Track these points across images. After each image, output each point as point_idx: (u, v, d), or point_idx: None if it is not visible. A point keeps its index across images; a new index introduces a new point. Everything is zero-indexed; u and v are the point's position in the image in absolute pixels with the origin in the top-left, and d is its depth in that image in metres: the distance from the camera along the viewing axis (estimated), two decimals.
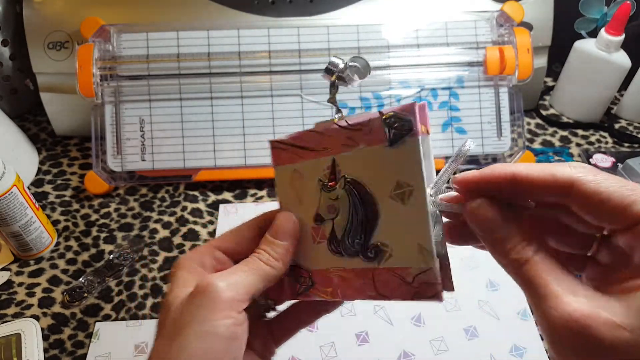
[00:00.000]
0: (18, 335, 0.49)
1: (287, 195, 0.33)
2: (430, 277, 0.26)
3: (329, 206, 0.31)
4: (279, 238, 0.31)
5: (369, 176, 0.29)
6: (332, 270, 0.30)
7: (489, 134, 0.63)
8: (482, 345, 0.49)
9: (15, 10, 0.69)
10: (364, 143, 0.29)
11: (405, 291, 0.27)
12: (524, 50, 0.61)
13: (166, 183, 0.65)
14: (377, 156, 0.28)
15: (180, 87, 0.62)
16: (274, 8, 0.65)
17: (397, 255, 0.28)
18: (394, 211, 0.28)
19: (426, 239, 0.26)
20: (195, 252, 0.31)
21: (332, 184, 0.30)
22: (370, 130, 0.28)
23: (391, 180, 0.28)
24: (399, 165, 0.27)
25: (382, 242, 0.28)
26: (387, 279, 0.28)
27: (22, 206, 0.53)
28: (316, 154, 0.31)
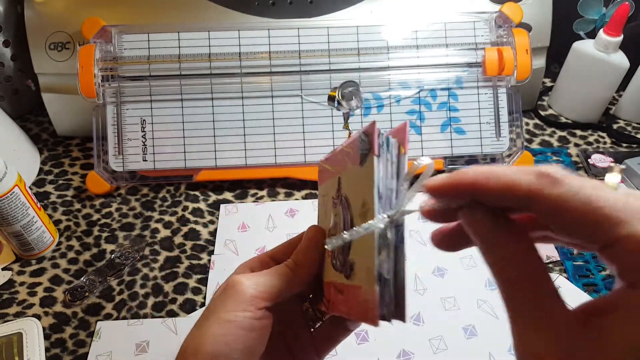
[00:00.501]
0: (19, 335, 0.49)
1: (320, 211, 0.36)
2: (370, 301, 0.26)
3: (335, 222, 0.32)
4: (304, 247, 0.34)
5: (350, 194, 0.30)
6: (332, 283, 0.32)
7: (488, 134, 0.64)
8: (481, 344, 0.49)
9: (16, 11, 0.69)
10: (351, 162, 0.30)
11: (356, 310, 0.28)
12: (523, 51, 0.62)
13: (167, 183, 0.65)
14: (355, 175, 0.29)
15: (181, 88, 0.62)
16: (274, 9, 0.65)
17: (358, 273, 0.28)
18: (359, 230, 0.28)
19: (371, 262, 0.26)
20: (252, 259, 0.35)
21: (336, 202, 0.32)
22: (353, 150, 0.29)
23: (360, 199, 0.28)
24: (364, 183, 0.27)
25: (352, 260, 0.29)
26: (353, 296, 0.28)
27: (23, 206, 0.53)
28: (332, 173, 0.34)
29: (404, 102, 0.64)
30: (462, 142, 0.64)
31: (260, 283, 0.32)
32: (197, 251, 0.58)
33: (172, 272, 0.56)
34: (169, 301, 0.53)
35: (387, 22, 0.63)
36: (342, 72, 0.62)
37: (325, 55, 0.62)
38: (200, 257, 0.57)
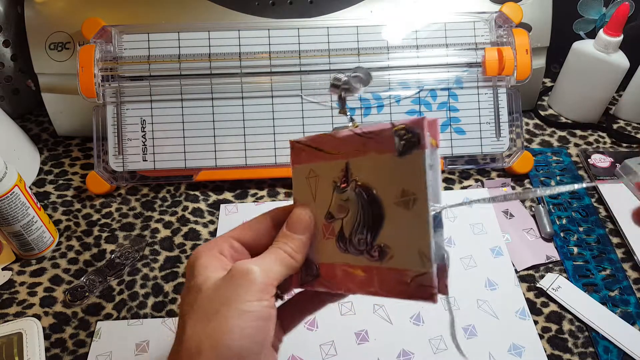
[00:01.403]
0: (19, 335, 0.49)
1: (303, 192, 0.36)
2: (426, 280, 0.28)
3: (340, 206, 0.33)
4: (297, 232, 0.34)
5: (377, 182, 0.31)
6: (338, 264, 0.33)
7: (488, 134, 0.64)
8: (481, 344, 0.49)
9: (16, 11, 0.69)
10: (375, 151, 0.31)
11: (403, 290, 0.29)
12: (523, 51, 0.62)
13: (167, 183, 0.65)
14: (386, 164, 0.30)
15: (181, 88, 0.62)
16: (274, 9, 0.65)
17: (398, 257, 0.30)
18: (398, 216, 0.30)
19: (425, 245, 0.28)
20: (213, 242, 0.34)
21: (344, 186, 0.33)
22: (382, 140, 0.30)
23: (397, 188, 0.29)
24: (405, 174, 0.29)
25: (386, 244, 0.30)
26: (387, 277, 0.30)
27: (23, 206, 0.53)
28: (332, 156, 0.34)
29: (404, 102, 0.64)
30: (462, 142, 0.64)
31: (269, 270, 0.31)
32: None
33: (172, 272, 0.56)
34: (169, 301, 0.53)
35: (387, 22, 0.63)
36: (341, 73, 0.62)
37: (325, 55, 0.62)
38: None
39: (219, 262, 0.32)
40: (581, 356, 0.48)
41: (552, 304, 0.52)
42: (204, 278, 0.31)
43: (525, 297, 0.53)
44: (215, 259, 0.32)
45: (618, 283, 0.54)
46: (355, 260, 0.32)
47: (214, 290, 0.31)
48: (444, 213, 0.30)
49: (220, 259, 0.33)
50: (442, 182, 0.65)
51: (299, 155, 0.36)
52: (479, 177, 0.66)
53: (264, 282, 0.30)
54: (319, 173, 0.35)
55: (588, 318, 0.50)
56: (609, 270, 0.55)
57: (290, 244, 0.33)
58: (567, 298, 0.52)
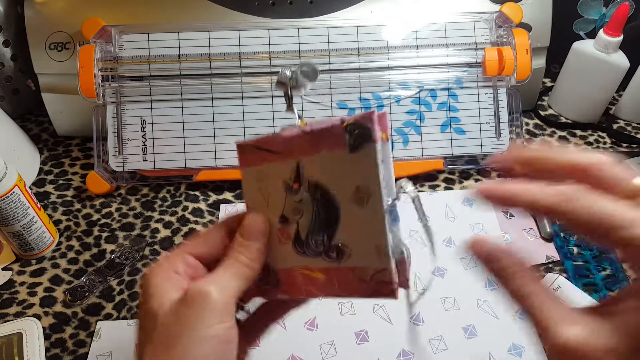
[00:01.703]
0: (19, 335, 0.49)
1: (254, 197, 0.34)
2: (385, 277, 0.28)
3: (294, 208, 0.32)
4: (251, 239, 0.32)
5: (331, 180, 0.30)
6: (296, 268, 0.32)
7: (488, 134, 0.64)
8: (481, 344, 0.49)
9: (16, 11, 0.69)
10: (326, 148, 0.30)
11: (363, 289, 0.29)
12: (523, 51, 0.62)
13: (167, 183, 0.65)
14: (339, 161, 0.29)
15: (181, 88, 0.62)
16: (274, 9, 0.65)
17: (356, 255, 0.29)
18: (354, 214, 0.29)
19: (382, 241, 0.28)
20: (166, 259, 0.32)
21: (296, 187, 0.31)
22: (333, 136, 0.29)
23: (351, 185, 0.29)
24: (358, 170, 0.28)
25: (343, 243, 0.30)
26: (347, 277, 0.29)
27: (23, 206, 0.53)
28: (282, 157, 0.32)
29: (404, 102, 0.64)
30: (462, 142, 0.64)
31: (226, 287, 0.29)
32: None
33: None
34: None
35: (387, 22, 0.63)
36: (342, 72, 0.62)
37: (325, 55, 0.62)
38: None
39: (173, 282, 0.30)
40: None
41: None
42: (159, 302, 0.29)
43: None
44: (168, 279, 0.30)
45: (618, 283, 0.54)
46: (314, 263, 0.31)
47: (171, 315, 0.29)
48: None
49: (174, 279, 0.31)
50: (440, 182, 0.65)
51: (247, 158, 0.34)
52: (479, 177, 0.66)
53: (222, 302, 0.28)
54: (269, 175, 0.33)
55: None
56: (609, 270, 0.55)
57: (246, 253, 0.31)
58: (567, 298, 0.52)
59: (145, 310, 0.30)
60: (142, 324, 0.30)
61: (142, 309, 0.30)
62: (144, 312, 0.30)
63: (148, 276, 0.31)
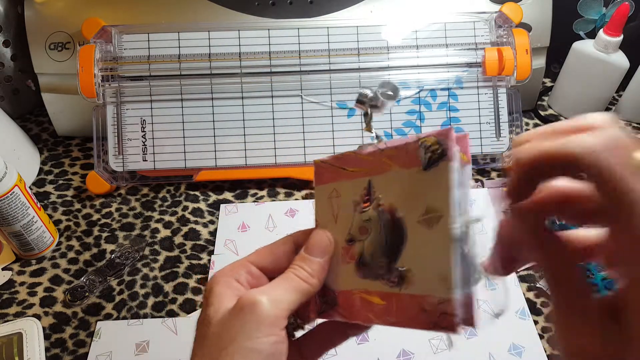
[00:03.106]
0: (19, 335, 0.49)
1: (324, 214, 0.33)
2: (448, 308, 0.25)
3: (361, 227, 0.30)
4: (314, 255, 0.31)
5: (400, 199, 0.28)
6: (356, 292, 0.30)
7: (488, 134, 0.64)
8: (481, 344, 0.49)
9: (16, 11, 0.69)
10: (399, 166, 0.28)
11: (423, 320, 0.26)
12: (523, 51, 0.62)
13: (167, 183, 0.65)
14: (411, 179, 0.28)
15: (181, 88, 0.62)
16: (274, 9, 0.65)
17: (419, 282, 0.27)
18: (421, 237, 0.27)
19: (447, 268, 0.25)
20: (230, 267, 0.31)
21: (365, 205, 0.30)
22: (406, 153, 0.28)
23: (421, 205, 0.27)
24: (430, 189, 0.27)
25: (406, 268, 0.28)
26: (407, 305, 0.27)
27: (23, 206, 0.53)
28: (355, 175, 0.31)
29: (404, 102, 0.64)
30: None
31: (278, 299, 0.28)
32: (197, 251, 0.58)
33: (172, 272, 0.56)
34: (169, 301, 0.53)
35: (387, 22, 0.63)
36: (342, 72, 0.62)
37: (325, 55, 0.62)
38: (200, 257, 0.57)
39: (232, 290, 0.30)
40: None
41: None
42: (215, 310, 0.29)
43: (525, 297, 0.53)
44: (229, 287, 0.30)
45: None
46: (374, 287, 0.29)
47: (221, 324, 0.28)
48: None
49: (235, 287, 0.30)
50: None
51: (322, 175, 0.33)
52: (479, 177, 0.66)
53: (272, 315, 0.28)
54: (341, 193, 0.32)
55: None
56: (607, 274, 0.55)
57: (307, 267, 0.31)
58: None
59: (202, 317, 0.30)
60: (197, 330, 0.30)
61: (201, 315, 0.30)
62: (201, 319, 0.30)
63: (211, 283, 0.30)
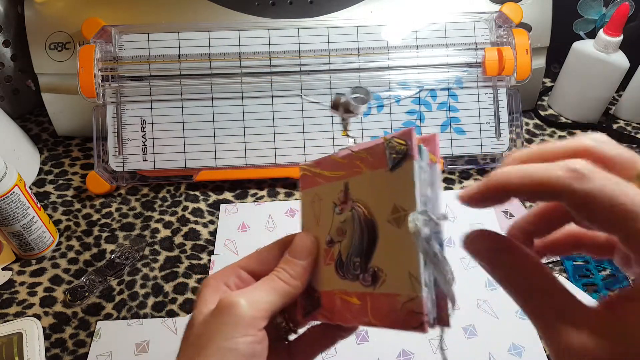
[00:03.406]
0: (19, 335, 0.49)
1: (308, 218, 0.34)
2: (416, 306, 0.25)
3: (338, 228, 0.31)
4: (297, 257, 0.32)
5: (371, 200, 0.29)
6: (337, 292, 0.30)
7: (488, 134, 0.64)
8: (481, 344, 0.49)
9: (16, 11, 0.69)
10: (369, 167, 0.29)
11: (393, 319, 0.27)
12: (523, 51, 0.62)
13: (167, 183, 0.65)
14: (379, 180, 0.28)
15: (181, 88, 0.62)
16: (274, 10, 0.65)
17: (390, 280, 0.27)
18: (390, 236, 0.27)
19: (414, 266, 0.25)
20: (221, 272, 0.32)
21: (341, 207, 0.31)
22: (375, 155, 0.29)
23: (389, 204, 0.27)
24: (396, 189, 0.27)
25: (379, 267, 0.28)
26: (379, 305, 0.28)
27: (23, 206, 0.53)
28: (333, 178, 0.32)
29: (404, 102, 0.64)
30: (462, 142, 0.64)
31: (257, 301, 0.29)
32: (197, 251, 0.58)
33: (172, 272, 0.56)
34: (169, 301, 0.53)
35: (387, 22, 0.63)
36: (342, 72, 0.62)
37: (325, 55, 0.62)
38: (200, 257, 0.57)
39: (220, 293, 0.31)
40: None
41: None
42: (199, 312, 0.30)
43: None
44: (216, 291, 0.31)
45: (618, 283, 0.54)
46: (352, 287, 0.29)
47: (202, 326, 0.29)
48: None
49: (222, 291, 0.31)
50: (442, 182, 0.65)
51: (306, 180, 0.34)
52: (479, 177, 0.66)
53: (250, 316, 0.28)
54: (322, 196, 0.33)
55: None
56: (609, 270, 0.55)
57: (290, 269, 0.31)
58: None
59: (189, 320, 0.30)
60: (184, 332, 0.30)
61: (190, 318, 0.31)
62: (188, 321, 0.30)
63: (201, 287, 0.31)
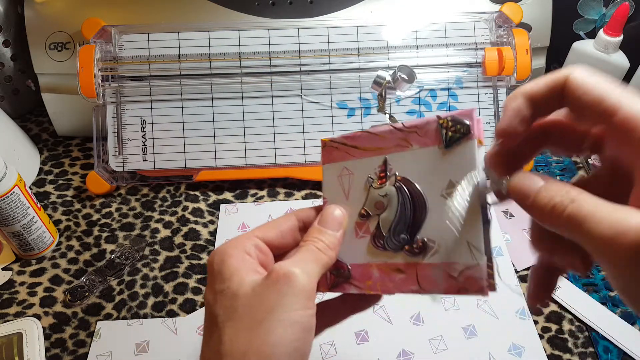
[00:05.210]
0: (19, 335, 0.49)
1: (333, 191, 0.35)
2: (476, 273, 0.27)
3: (377, 202, 0.32)
4: (329, 227, 0.32)
5: (420, 175, 0.30)
6: (373, 263, 0.32)
7: (488, 134, 0.64)
8: (481, 344, 0.49)
9: (16, 11, 0.69)
10: (418, 144, 0.30)
11: (450, 285, 0.28)
12: (523, 51, 0.62)
13: (167, 183, 0.65)
14: (431, 157, 0.30)
15: (181, 88, 0.62)
16: (274, 9, 0.65)
17: (444, 251, 0.29)
18: (444, 209, 0.29)
19: (475, 236, 0.27)
20: (237, 240, 0.31)
21: (381, 182, 0.32)
22: (426, 133, 0.30)
23: (443, 180, 0.29)
24: (453, 165, 0.29)
25: (429, 238, 0.30)
26: (431, 273, 0.29)
27: (23, 206, 0.53)
28: (369, 153, 0.33)
29: (404, 102, 0.64)
30: None
31: (310, 272, 0.29)
32: (197, 251, 0.58)
33: (172, 272, 0.56)
34: (169, 301, 0.53)
35: (387, 22, 0.63)
36: (342, 72, 0.62)
37: (325, 55, 0.62)
38: (200, 257, 0.57)
39: (248, 264, 0.30)
40: (581, 356, 0.48)
41: (552, 304, 0.52)
42: (238, 281, 0.29)
43: (526, 297, 0.53)
44: (244, 261, 0.30)
45: None
46: (394, 258, 0.31)
47: (254, 296, 0.28)
48: None
49: (249, 261, 0.30)
50: None
51: (331, 154, 0.35)
52: None
53: (308, 286, 0.28)
54: (353, 170, 0.34)
55: (588, 318, 0.50)
56: None
57: (325, 239, 0.31)
58: (567, 298, 0.52)
59: (222, 289, 0.29)
60: (219, 302, 0.29)
61: (217, 287, 0.29)
62: (221, 291, 0.29)
63: (222, 256, 0.30)
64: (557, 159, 0.68)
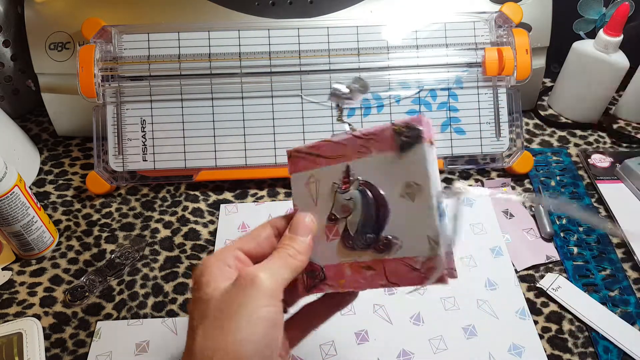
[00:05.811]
0: (19, 335, 0.49)
1: (303, 199, 0.37)
2: (436, 264, 0.30)
3: (343, 206, 0.35)
4: (299, 234, 0.35)
5: (380, 178, 0.33)
6: (345, 263, 0.34)
7: (488, 134, 0.64)
8: (481, 344, 0.49)
9: (16, 11, 0.69)
10: (377, 150, 0.33)
11: (414, 277, 0.31)
12: (523, 51, 0.62)
13: (167, 183, 0.65)
14: (389, 161, 0.33)
15: (181, 88, 0.62)
16: (274, 9, 0.65)
17: (407, 246, 0.32)
18: (404, 208, 0.32)
19: (433, 231, 0.30)
20: (219, 253, 0.34)
21: (345, 187, 0.35)
22: (383, 139, 0.33)
23: (401, 182, 0.32)
24: (408, 168, 0.32)
25: (393, 236, 0.32)
26: (397, 268, 0.32)
27: (23, 206, 0.53)
28: (331, 161, 0.36)
29: (404, 102, 0.64)
30: (462, 142, 0.64)
31: (276, 274, 0.32)
32: (197, 251, 0.58)
33: (172, 272, 0.56)
34: (169, 301, 0.53)
35: (387, 22, 0.63)
36: (342, 72, 0.62)
37: (325, 55, 0.62)
38: (200, 257, 0.57)
39: (226, 273, 0.33)
40: (581, 356, 0.48)
41: (552, 304, 0.52)
42: (213, 288, 0.31)
43: (525, 297, 0.53)
44: (221, 271, 0.33)
45: (618, 283, 0.54)
46: (362, 256, 0.33)
47: (223, 299, 0.31)
48: None
49: (227, 271, 0.33)
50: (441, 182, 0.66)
51: (297, 164, 0.38)
52: (479, 177, 0.66)
53: (271, 287, 0.31)
54: (319, 178, 0.36)
55: (588, 318, 0.50)
56: (609, 270, 0.55)
57: (295, 245, 0.34)
58: (567, 298, 0.52)
59: (198, 297, 0.32)
60: (195, 309, 0.32)
61: (195, 296, 0.32)
62: (198, 298, 0.32)
63: (202, 268, 0.33)
64: (557, 159, 0.68)
